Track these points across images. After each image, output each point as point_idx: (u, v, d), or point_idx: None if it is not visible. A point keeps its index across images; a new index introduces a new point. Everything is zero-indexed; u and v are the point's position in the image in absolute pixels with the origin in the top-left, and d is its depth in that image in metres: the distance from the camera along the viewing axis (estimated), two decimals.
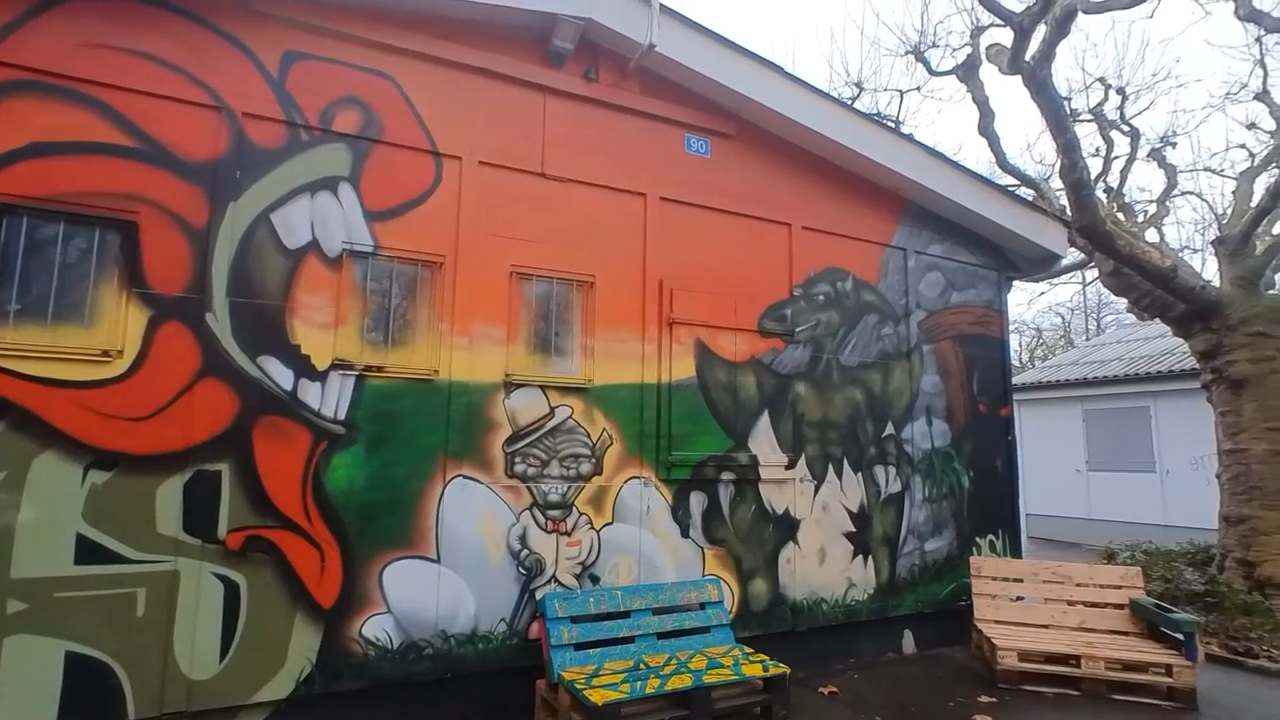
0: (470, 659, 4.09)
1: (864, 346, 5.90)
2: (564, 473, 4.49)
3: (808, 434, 5.48)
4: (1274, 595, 6.54)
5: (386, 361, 4.04)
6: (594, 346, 4.68)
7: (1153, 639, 5.25)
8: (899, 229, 6.25)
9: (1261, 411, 7.02)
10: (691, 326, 5.04)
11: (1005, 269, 6.92)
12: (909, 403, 6.07)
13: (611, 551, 4.59)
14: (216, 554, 3.51)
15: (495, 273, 4.42)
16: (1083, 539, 12.56)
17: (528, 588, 4.31)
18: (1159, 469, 12.48)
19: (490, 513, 4.23)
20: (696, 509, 4.93)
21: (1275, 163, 8.11)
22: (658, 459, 4.80)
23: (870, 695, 4.87)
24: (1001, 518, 6.49)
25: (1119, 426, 13.27)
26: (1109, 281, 8.03)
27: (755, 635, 4.99)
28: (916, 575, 5.89)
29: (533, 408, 4.45)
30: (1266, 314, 7.16)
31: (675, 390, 4.92)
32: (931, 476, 6.11)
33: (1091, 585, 5.65)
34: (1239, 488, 7.10)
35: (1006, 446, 6.63)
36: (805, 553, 5.33)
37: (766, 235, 5.53)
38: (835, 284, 5.83)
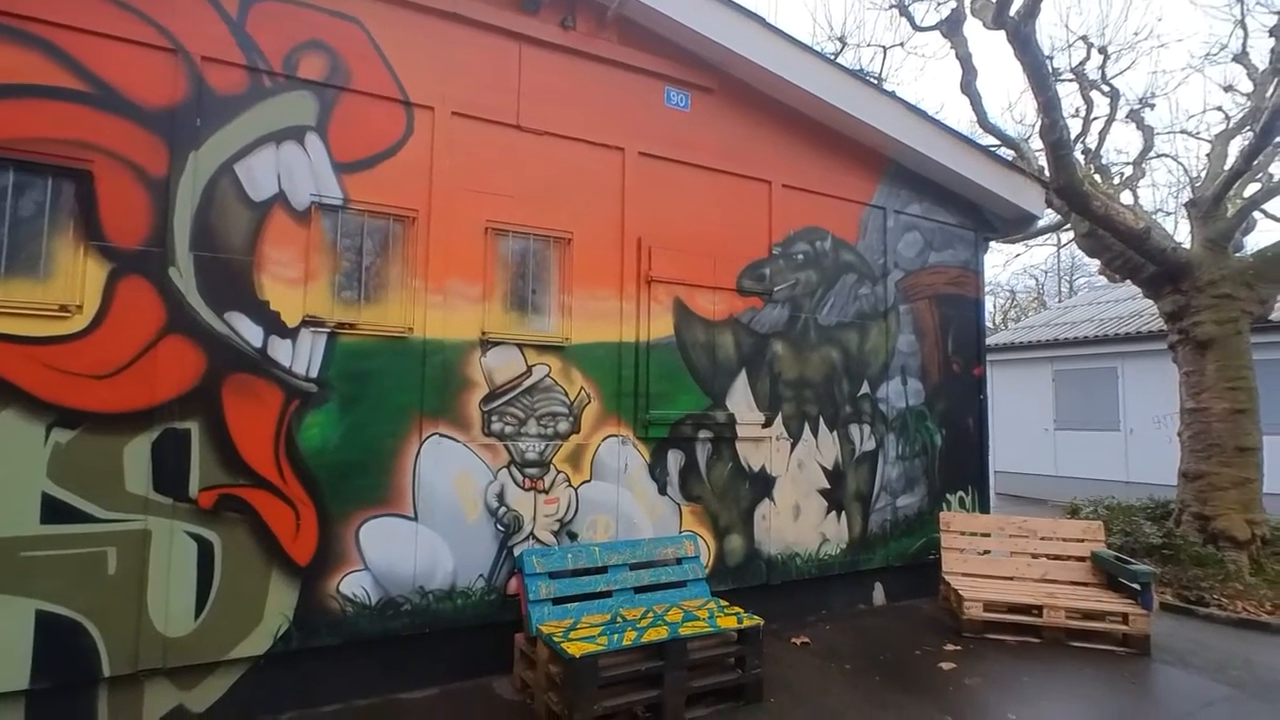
0: (448, 615, 4.12)
1: (842, 306, 5.91)
2: (541, 431, 4.48)
3: (784, 393, 5.51)
4: (1226, 547, 6.82)
5: (359, 319, 3.96)
6: (571, 305, 4.63)
7: (1111, 589, 5.45)
8: (879, 188, 6.21)
9: (1223, 371, 7.20)
10: (670, 285, 5.00)
11: (982, 229, 6.94)
12: (885, 362, 6.12)
13: (589, 509, 4.62)
14: (188, 513, 3.47)
15: (470, 228, 4.33)
16: (1049, 496, 12.96)
17: (506, 545, 4.33)
18: (1123, 428, 12.84)
19: (467, 471, 4.22)
20: (674, 467, 4.97)
21: (1250, 125, 8.15)
22: (636, 417, 4.80)
23: (841, 645, 5.02)
24: (971, 474, 6.64)
25: (1087, 387, 13.58)
26: (1083, 243, 8.10)
27: (731, 589, 5.09)
28: (888, 530, 6.03)
29: (509, 366, 4.41)
30: (1233, 276, 7.29)
31: (653, 349, 4.90)
32: (905, 435, 6.21)
33: (1055, 539, 5.84)
34: (1199, 445, 7.32)
35: (978, 405, 6.75)
36: (780, 509, 5.42)
37: (746, 193, 5.47)
38: (814, 243, 5.80)
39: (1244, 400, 7.12)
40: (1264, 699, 4.26)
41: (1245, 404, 7.11)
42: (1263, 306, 7.37)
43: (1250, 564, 6.69)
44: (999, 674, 4.55)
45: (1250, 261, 7.41)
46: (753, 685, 4.03)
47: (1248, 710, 4.10)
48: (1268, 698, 4.28)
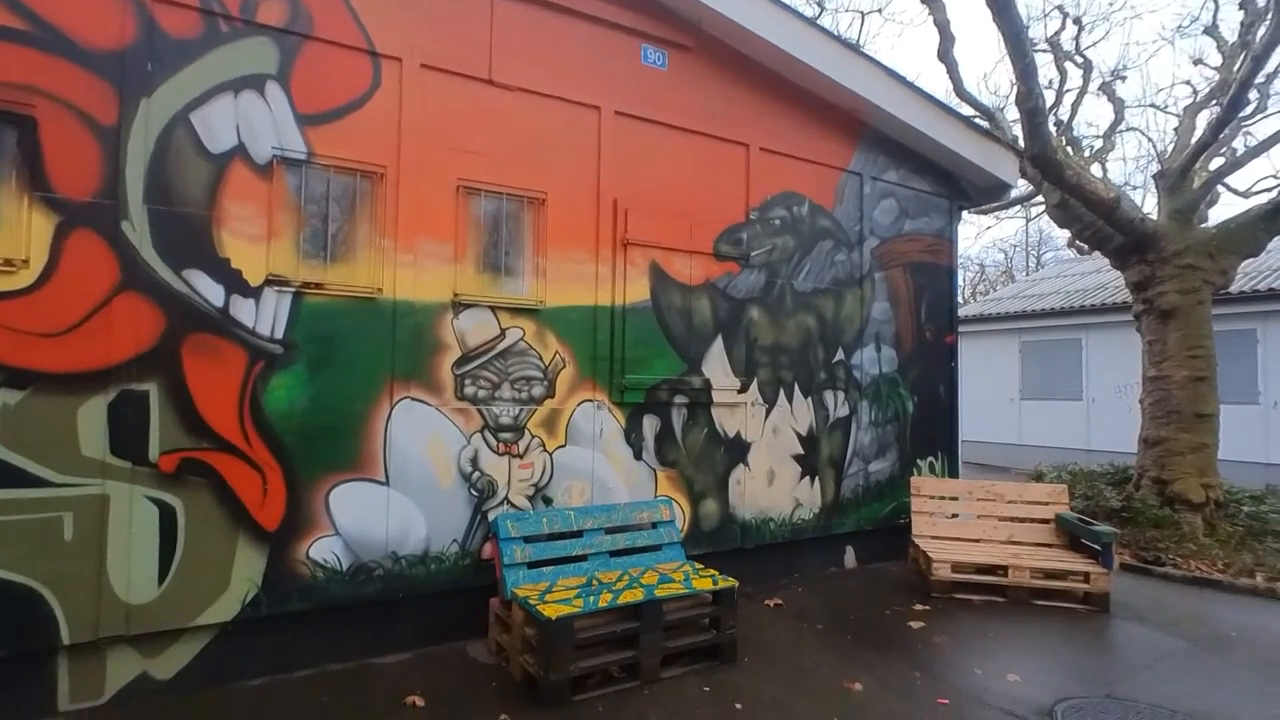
0: (422, 580, 4.08)
1: (818, 272, 5.90)
2: (516, 395, 4.41)
3: (760, 359, 5.51)
4: (1182, 510, 7.05)
5: (326, 278, 3.82)
6: (546, 267, 4.54)
7: (1074, 550, 5.61)
8: (856, 153, 6.17)
9: (1185, 340, 7.38)
10: (646, 248, 4.93)
11: (957, 198, 6.96)
12: (859, 329, 6.14)
13: (564, 474, 4.59)
14: (149, 477, 3.35)
15: (441, 186, 4.19)
16: (1014, 464, 13.28)
17: (480, 509, 4.28)
18: (1086, 397, 13.17)
19: (440, 435, 4.15)
20: (649, 432, 4.95)
21: (1217, 98, 8.26)
22: (611, 382, 4.76)
23: (813, 606, 5.10)
24: (941, 440, 6.75)
25: (1052, 357, 13.88)
26: (1054, 213, 8.18)
27: (705, 553, 5.12)
28: (860, 495, 6.11)
29: (482, 329, 4.32)
30: (1197, 247, 7.44)
31: (629, 313, 4.84)
32: (878, 401, 6.27)
33: (1020, 502, 5.98)
34: (1159, 412, 7.52)
35: (949, 373, 6.83)
36: (755, 474, 5.45)
37: (724, 156, 5.39)
38: (791, 208, 5.76)
39: (1203, 368, 7.31)
40: (1215, 652, 4.43)
41: (1204, 372, 7.31)
42: (1224, 277, 7.54)
43: (1204, 526, 6.93)
44: (965, 631, 4.66)
45: (1213, 233, 7.56)
46: (727, 645, 4.07)
47: (1200, 662, 4.26)
48: (1218, 650, 4.45)
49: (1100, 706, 3.61)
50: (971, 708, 3.58)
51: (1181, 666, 4.17)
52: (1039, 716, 3.49)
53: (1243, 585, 5.80)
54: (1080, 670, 4.10)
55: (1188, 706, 3.62)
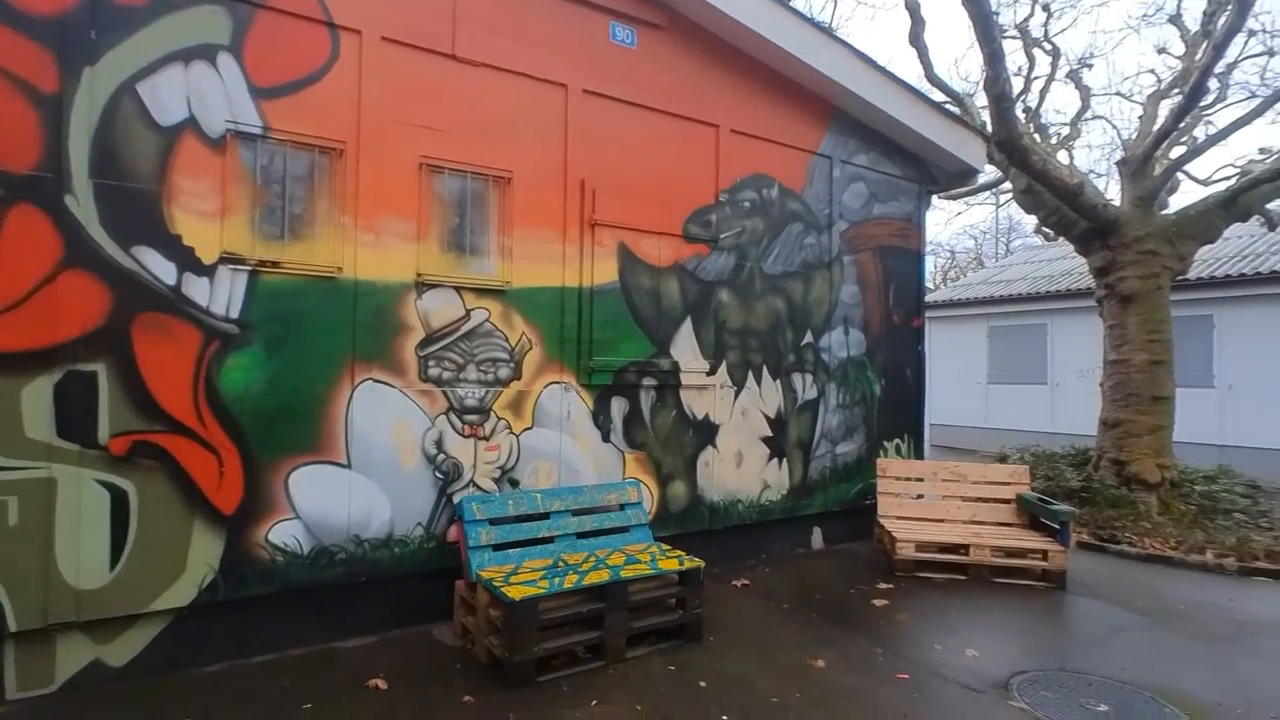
0: (386, 563, 4.03)
1: (787, 255, 5.91)
2: (481, 377, 4.36)
3: (729, 341, 5.51)
4: (1139, 490, 7.25)
5: (284, 257, 3.73)
6: (512, 247, 4.48)
7: (1034, 529, 5.74)
8: (826, 136, 6.17)
9: (1144, 325, 7.55)
10: (615, 229, 4.89)
11: (926, 182, 7.01)
12: (828, 312, 6.18)
13: (531, 456, 4.56)
14: (98, 460, 3.25)
15: (403, 164, 4.10)
16: (980, 446, 13.51)
17: (445, 492, 4.24)
18: (1050, 381, 13.46)
19: (404, 417, 4.09)
20: (618, 414, 4.93)
21: (1180, 87, 8.41)
22: (579, 364, 4.73)
23: (779, 586, 5.16)
24: (908, 423, 6.84)
25: (1018, 342, 14.14)
26: (1021, 199, 8.29)
27: (674, 535, 5.14)
28: (827, 477, 6.18)
29: (447, 310, 4.25)
30: (1158, 233, 7.59)
31: (597, 294, 4.81)
32: (846, 384, 6.32)
33: (983, 483, 6.09)
34: (1119, 394, 7.71)
35: (916, 356, 6.92)
36: (723, 456, 5.47)
37: (694, 136, 5.35)
38: (761, 190, 5.75)
39: (1161, 352, 7.50)
40: (1166, 625, 4.57)
41: (1162, 356, 7.49)
42: (1182, 263, 7.72)
43: (1159, 505, 7.13)
44: (927, 609, 4.75)
45: (1173, 220, 7.73)
46: (693, 624, 4.10)
47: (1152, 635, 4.39)
48: (1169, 624, 4.60)
49: (1054, 678, 3.70)
50: (929, 682, 3.65)
51: (1132, 640, 4.30)
52: (995, 689, 3.57)
53: (1193, 561, 5.99)
54: (1036, 645, 4.20)
55: (1136, 677, 3.74)
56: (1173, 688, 3.64)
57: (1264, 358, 10.50)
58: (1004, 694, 3.52)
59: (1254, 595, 5.27)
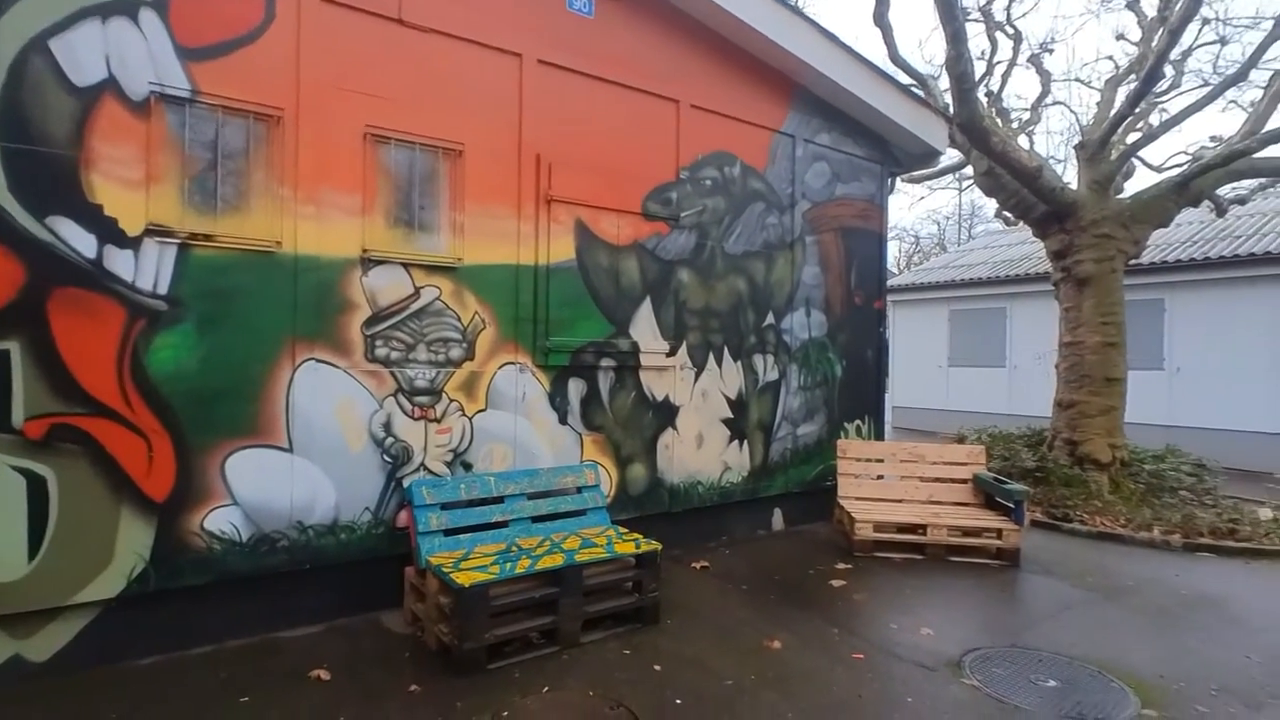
0: (332, 550, 3.89)
1: (749, 235, 5.84)
2: (432, 357, 4.22)
3: (689, 322, 5.44)
4: (1090, 469, 7.40)
5: (217, 230, 3.52)
6: (464, 223, 4.32)
7: (990, 509, 5.81)
8: (789, 115, 6.10)
9: (1099, 308, 7.68)
10: (571, 205, 4.75)
11: (889, 164, 6.99)
12: (790, 293, 6.14)
13: (485, 438, 4.44)
14: (13, 445, 3.05)
15: (346, 133, 3.91)
16: (940, 428, 13.73)
17: (394, 476, 4.10)
18: (1008, 363, 13.70)
19: (349, 399, 3.93)
20: (575, 396, 4.83)
21: (1136, 72, 8.51)
22: (535, 344, 4.60)
23: (738, 568, 5.14)
24: (869, 404, 6.87)
25: (979, 325, 14.36)
26: (982, 182, 8.34)
27: (633, 518, 5.08)
28: (788, 458, 6.17)
29: (395, 287, 4.09)
30: (1113, 217, 7.70)
31: (554, 273, 4.68)
32: (807, 365, 6.30)
33: (941, 463, 6.15)
34: (1073, 376, 7.84)
35: (878, 338, 6.93)
36: (684, 438, 5.41)
37: (653, 111, 5.22)
38: (723, 168, 5.66)
39: (1114, 335, 7.64)
40: (1114, 601, 4.66)
41: (1115, 338, 7.63)
42: (1136, 247, 7.85)
43: (1110, 484, 7.29)
44: (884, 588, 4.77)
45: (1128, 204, 7.84)
46: (650, 608, 4.05)
47: (1100, 610, 4.47)
48: (1116, 599, 4.69)
49: (1005, 655, 3.74)
50: (884, 661, 3.65)
51: (1082, 615, 4.37)
52: (948, 667, 3.59)
53: (1141, 539, 6.14)
54: (989, 622, 4.24)
55: (1084, 652, 3.79)
56: (1119, 662, 3.70)
57: (1211, 341, 10.81)
58: (956, 672, 3.54)
59: (1197, 570, 5.41)
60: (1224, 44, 10.20)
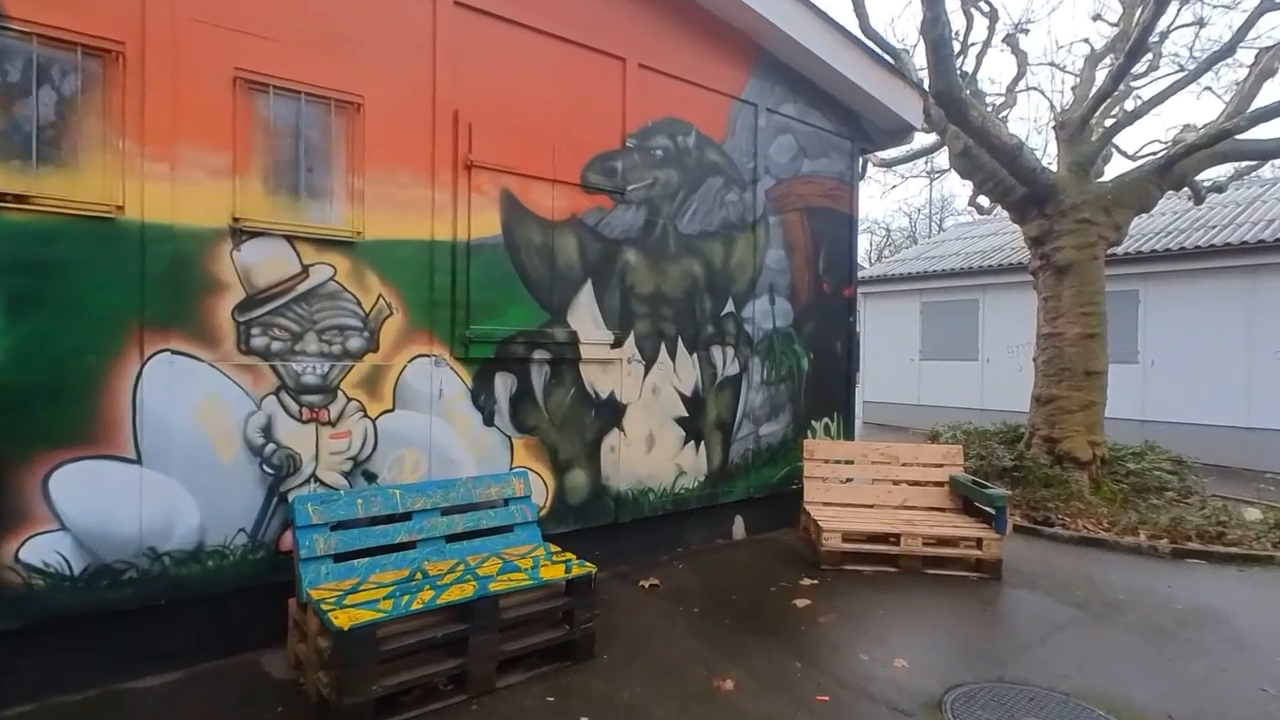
0: (196, 579, 3.22)
1: (705, 213, 5.25)
2: (325, 349, 3.56)
3: (638, 309, 4.83)
4: (1071, 468, 6.98)
5: (33, 189, 2.83)
6: (364, 190, 3.66)
7: (968, 514, 5.32)
8: (751, 80, 5.51)
9: (1079, 297, 7.25)
10: (497, 173, 4.11)
11: (859, 139, 6.45)
12: (752, 278, 5.57)
13: (393, 444, 3.79)
14: None
15: (210, 77, 3.23)
16: (913, 424, 13.34)
17: (277, 490, 3.44)
18: (981, 357, 13.35)
19: (217, 398, 3.26)
20: (503, 393, 4.21)
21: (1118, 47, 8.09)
22: (453, 334, 3.97)
23: (692, 585, 4.57)
24: (838, 400, 6.34)
25: (951, 318, 13.99)
26: (958, 163, 7.86)
27: (573, 531, 4.49)
28: (750, 460, 5.61)
29: (276, 264, 3.42)
30: (1094, 201, 7.28)
31: (475, 250, 4.04)
32: (771, 358, 5.75)
33: (916, 465, 5.64)
34: (1052, 369, 7.41)
35: (847, 329, 6.40)
36: (631, 440, 4.82)
37: (595, 70, 4.60)
38: (676, 138, 5.05)
39: (1095, 325, 7.22)
40: (1106, 620, 4.18)
41: (1096, 329, 7.21)
42: (1118, 233, 7.44)
43: (1091, 484, 6.88)
44: (854, 609, 4.24)
45: (1109, 187, 7.42)
46: (583, 642, 3.45)
47: (1092, 631, 3.99)
48: (1108, 618, 4.21)
49: (992, 693, 3.21)
50: (854, 703, 3.11)
51: (1074, 639, 3.87)
52: (926, 710, 3.06)
53: (1127, 544, 5.70)
54: (972, 649, 3.72)
55: (1080, 685, 3.29)
56: (1120, 697, 3.20)
57: (1186, 334, 10.52)
58: (936, 715, 3.00)
59: (1190, 580, 4.98)
60: (1202, 25, 9.86)
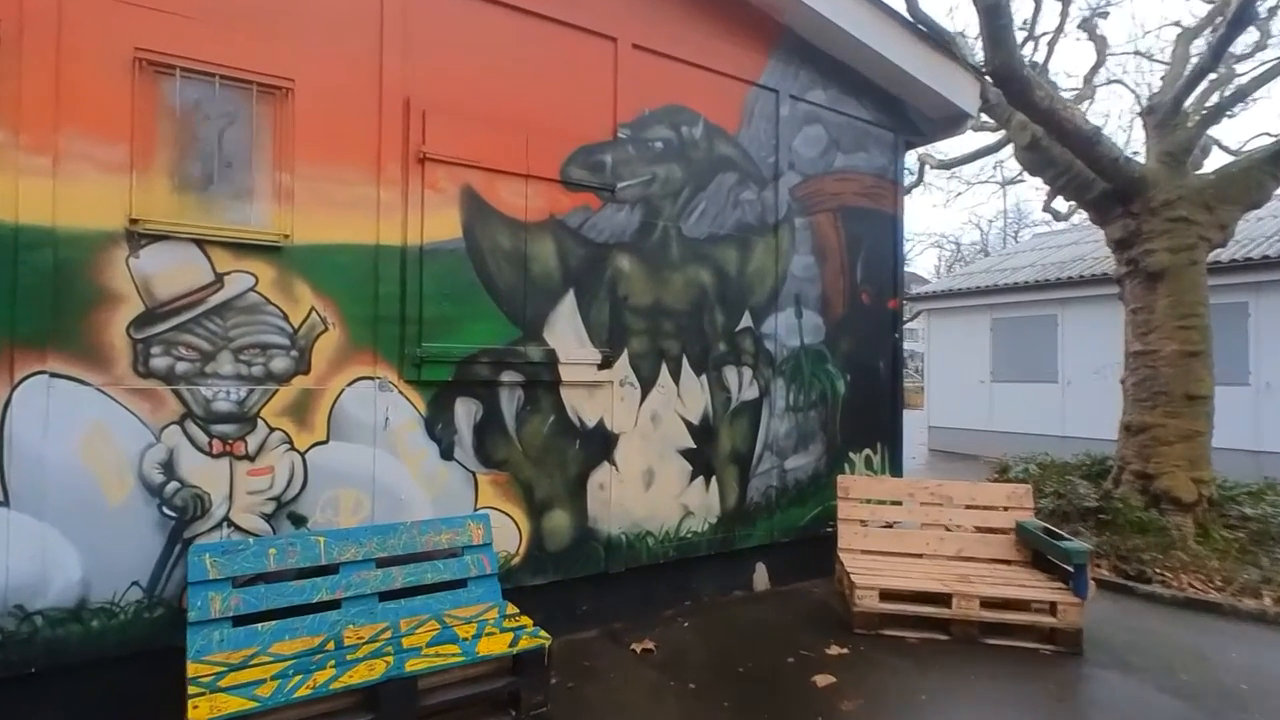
0: (76, 643, 2.73)
1: (716, 214, 4.58)
2: (242, 371, 3.06)
3: (633, 324, 4.19)
4: (1171, 511, 5.86)
5: None
6: (295, 187, 3.17)
7: (1039, 568, 4.40)
8: (770, 64, 4.83)
9: (1175, 308, 6.17)
10: (456, 166, 3.57)
11: (904, 130, 5.66)
12: (773, 288, 4.84)
13: (326, 481, 3.25)
14: None
15: (104, 57, 2.80)
16: (983, 451, 12.09)
17: (180, 536, 2.94)
18: (1061, 379, 12.02)
19: (106, 429, 2.79)
20: (465, 421, 3.62)
21: (1214, 24, 7.02)
22: (402, 352, 3.41)
23: (694, 649, 3.83)
24: (881, 429, 5.49)
25: (1025, 336, 12.71)
26: (1025, 157, 6.90)
27: (553, 582, 3.84)
28: (774, 499, 4.84)
29: (184, 273, 2.95)
30: (1191, 196, 6.21)
31: (430, 256, 3.49)
32: (798, 380, 4.98)
33: (975, 507, 4.74)
34: (1144, 393, 6.33)
35: (892, 345, 5.56)
36: (625, 475, 4.15)
37: (579, 51, 4.02)
38: (680, 128, 4.42)
39: (1197, 341, 6.12)
40: (1224, 718, 3.21)
41: (1198, 345, 6.11)
42: (1223, 233, 6.33)
43: (1196, 530, 5.75)
44: (888, 693, 3.41)
45: (1211, 179, 6.33)
46: None
47: None
48: (1228, 716, 3.23)
49: None
50: None
51: None
52: None
53: (1247, 609, 4.62)
54: None
55: None
56: None
57: None
58: None
59: None
60: None
